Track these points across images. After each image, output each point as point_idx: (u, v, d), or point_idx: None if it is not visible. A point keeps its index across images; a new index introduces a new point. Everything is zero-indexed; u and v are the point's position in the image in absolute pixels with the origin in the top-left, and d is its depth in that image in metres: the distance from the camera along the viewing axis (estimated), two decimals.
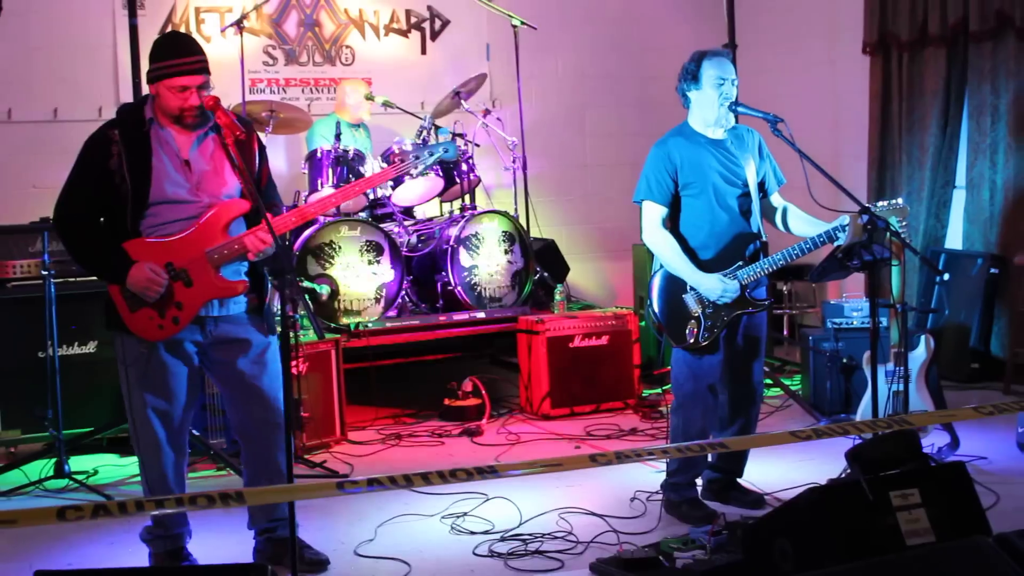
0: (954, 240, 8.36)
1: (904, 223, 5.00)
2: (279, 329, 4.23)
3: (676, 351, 5.12)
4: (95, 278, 6.37)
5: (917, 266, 8.19)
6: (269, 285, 4.59)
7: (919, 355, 5.93)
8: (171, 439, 4.48)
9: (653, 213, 5.04)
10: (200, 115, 4.36)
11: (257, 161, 4.54)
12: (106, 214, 4.36)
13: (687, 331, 5.03)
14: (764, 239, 5.13)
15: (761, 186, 5.14)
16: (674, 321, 5.07)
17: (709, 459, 5.30)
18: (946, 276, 5.66)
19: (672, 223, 5.06)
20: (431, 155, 4.86)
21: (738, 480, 5.37)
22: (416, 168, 4.98)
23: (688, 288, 5.01)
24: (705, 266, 4.99)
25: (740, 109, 5.00)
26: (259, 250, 4.33)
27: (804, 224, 5.12)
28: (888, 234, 4.85)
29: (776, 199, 5.23)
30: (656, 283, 5.11)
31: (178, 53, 4.33)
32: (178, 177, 4.35)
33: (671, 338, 5.09)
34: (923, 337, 6.00)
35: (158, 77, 4.32)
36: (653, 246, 5.07)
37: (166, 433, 4.45)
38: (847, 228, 4.85)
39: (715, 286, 4.94)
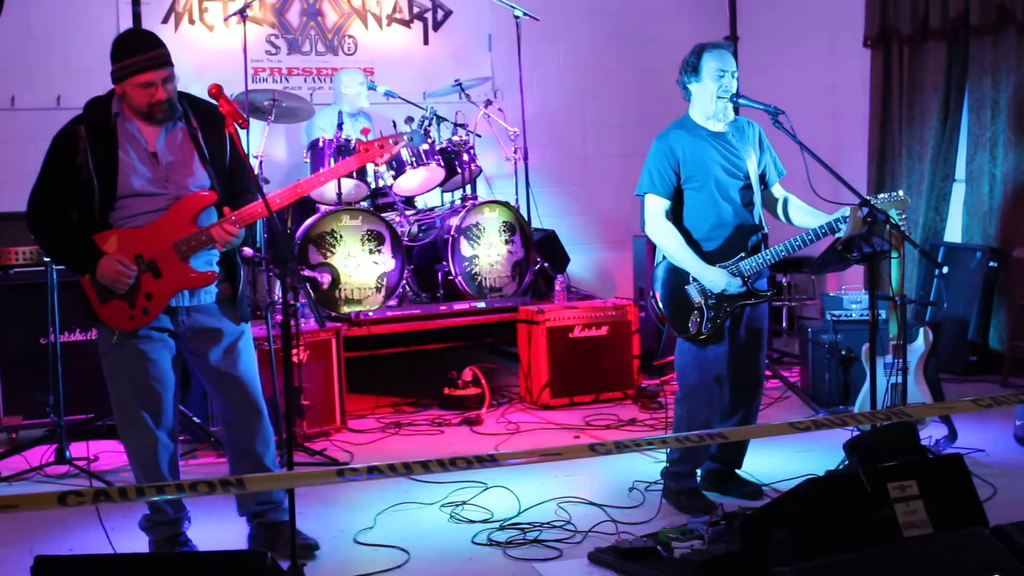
0: (953, 233, 8.37)
1: (904, 215, 5.02)
2: (258, 314, 4.24)
3: (681, 342, 5.14)
4: None
5: (916, 259, 8.21)
6: (242, 273, 4.60)
7: (918, 347, 5.94)
8: (155, 422, 4.47)
9: (656, 206, 5.06)
10: (169, 108, 4.37)
11: (228, 150, 4.53)
12: (76, 208, 4.38)
13: (689, 322, 5.04)
14: (766, 231, 5.15)
15: (762, 178, 5.16)
16: (677, 312, 5.08)
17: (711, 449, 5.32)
18: (945, 269, 5.69)
19: (675, 216, 5.07)
20: (395, 143, 4.74)
21: (736, 471, 5.39)
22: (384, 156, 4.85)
23: (691, 279, 5.03)
24: (708, 258, 5.01)
25: (741, 101, 5.02)
26: (225, 240, 4.36)
27: (805, 215, 5.14)
28: (888, 226, 4.87)
29: (777, 190, 5.25)
30: (659, 274, 5.13)
31: (139, 50, 4.31)
32: (145, 170, 4.37)
33: (674, 329, 5.11)
34: (922, 329, 6.01)
35: (122, 77, 4.32)
36: (656, 238, 5.09)
37: (150, 418, 4.45)
38: (848, 219, 4.87)
39: (719, 278, 4.96)
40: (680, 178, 5.03)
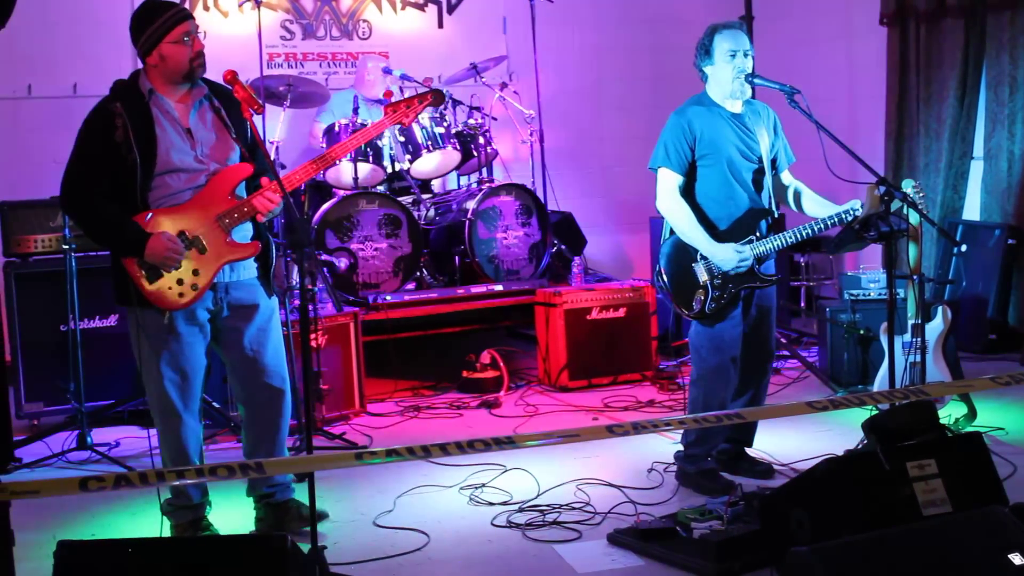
0: (972, 211, 8.34)
1: (921, 194, 5.01)
2: (287, 289, 4.26)
3: (696, 324, 5.14)
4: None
5: (935, 237, 8.17)
6: (274, 249, 4.63)
7: (936, 326, 5.93)
8: (188, 408, 4.53)
9: (669, 181, 5.05)
10: (204, 62, 4.42)
11: (248, 130, 4.56)
12: (114, 188, 4.37)
13: (694, 300, 5.04)
14: (776, 215, 5.14)
15: (772, 163, 5.15)
16: (681, 289, 5.08)
17: None
18: (963, 247, 5.66)
19: (687, 193, 5.06)
20: (421, 101, 4.79)
21: (747, 450, 5.39)
22: (407, 117, 4.87)
23: (698, 257, 5.03)
24: (718, 239, 5.00)
25: (756, 81, 5.00)
26: (268, 210, 4.40)
27: (814, 204, 5.13)
28: (905, 206, 4.86)
29: (787, 177, 5.24)
30: (666, 250, 5.13)
31: (162, 9, 4.38)
32: (183, 145, 4.39)
33: (677, 305, 5.12)
34: (940, 308, 6.00)
35: (156, 40, 4.34)
36: (667, 214, 5.08)
37: (183, 403, 4.50)
38: (856, 212, 4.87)
39: (729, 256, 4.95)
40: (695, 154, 5.02)
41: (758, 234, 5.01)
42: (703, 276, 5.03)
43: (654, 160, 5.10)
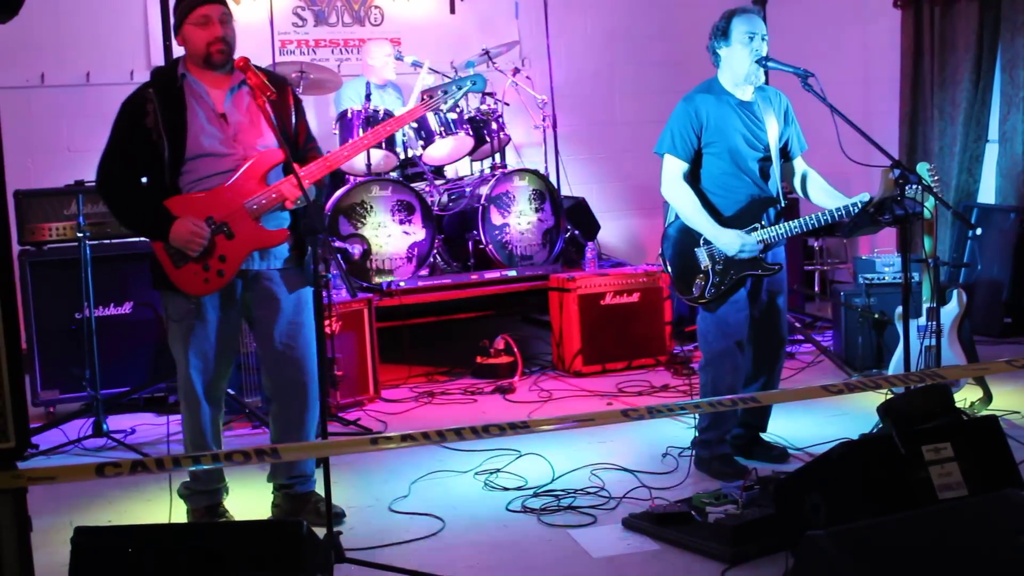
0: (987, 194, 8.31)
1: (936, 178, 4.99)
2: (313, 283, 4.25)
3: (701, 309, 5.14)
4: (130, 239, 6.50)
5: (950, 221, 8.15)
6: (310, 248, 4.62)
7: (951, 310, 5.91)
8: (209, 394, 4.54)
9: (673, 167, 5.04)
10: (227, 49, 4.41)
11: (294, 117, 4.56)
12: (146, 173, 4.38)
13: (694, 285, 5.04)
14: (783, 204, 5.13)
15: (784, 151, 5.13)
16: (683, 273, 5.09)
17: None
18: (979, 230, 5.64)
19: (692, 179, 5.05)
20: (459, 88, 4.84)
21: (761, 436, 5.39)
22: (445, 102, 4.91)
23: (701, 242, 5.02)
24: (722, 225, 4.99)
25: (770, 64, 4.98)
26: (296, 197, 4.36)
27: (823, 194, 5.12)
28: (920, 189, 4.84)
29: (798, 164, 5.23)
30: (670, 234, 5.13)
31: None
32: (213, 130, 4.39)
33: (678, 290, 5.13)
34: (955, 292, 5.98)
35: (181, 19, 4.38)
36: (672, 199, 5.07)
37: (204, 389, 4.52)
38: (865, 205, 4.85)
39: (734, 241, 4.94)
40: (701, 142, 5.01)
41: (764, 222, 5.00)
42: (704, 261, 5.03)
43: (659, 146, 5.09)
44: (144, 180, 4.40)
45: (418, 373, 7.38)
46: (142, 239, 6.58)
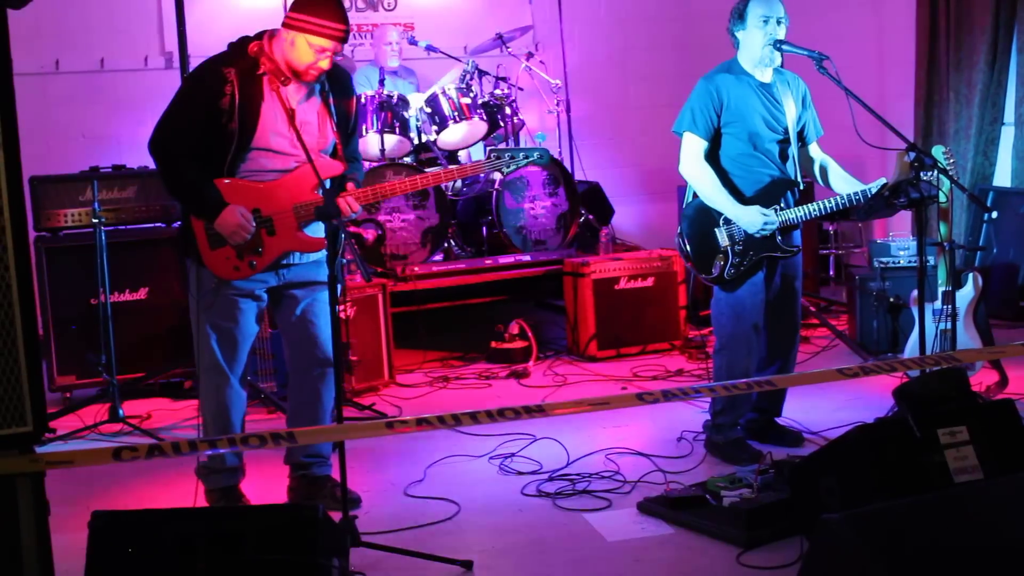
0: (1002, 177, 8.28)
1: (951, 161, 4.98)
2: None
3: (717, 293, 5.13)
4: (145, 226, 6.52)
5: (965, 204, 8.12)
6: (342, 236, 4.60)
7: (967, 293, 5.90)
8: (233, 371, 4.54)
9: (694, 145, 5.03)
10: (318, 79, 4.40)
11: (352, 116, 4.61)
12: (204, 149, 4.35)
13: (713, 265, 5.04)
14: (801, 187, 5.11)
15: (800, 135, 5.12)
16: (701, 253, 5.08)
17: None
18: (994, 214, 5.60)
19: (711, 160, 5.04)
20: (526, 157, 4.71)
21: (776, 420, 5.38)
22: (508, 166, 4.80)
23: (721, 222, 5.01)
24: (743, 204, 4.98)
25: (785, 47, 4.96)
26: (345, 214, 4.33)
27: (839, 180, 5.10)
28: (936, 172, 4.82)
29: (814, 149, 5.22)
30: (688, 213, 5.12)
31: (334, 17, 4.27)
32: (283, 128, 4.37)
33: (697, 270, 5.11)
34: (971, 275, 5.97)
35: (303, 29, 4.28)
36: (691, 178, 5.06)
37: (229, 364, 4.52)
38: (880, 188, 4.83)
39: (755, 218, 4.93)
40: (720, 121, 5.00)
41: (783, 204, 4.99)
42: (724, 241, 5.02)
43: (679, 124, 5.08)
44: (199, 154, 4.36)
45: (433, 358, 7.38)
46: (157, 224, 6.68)
